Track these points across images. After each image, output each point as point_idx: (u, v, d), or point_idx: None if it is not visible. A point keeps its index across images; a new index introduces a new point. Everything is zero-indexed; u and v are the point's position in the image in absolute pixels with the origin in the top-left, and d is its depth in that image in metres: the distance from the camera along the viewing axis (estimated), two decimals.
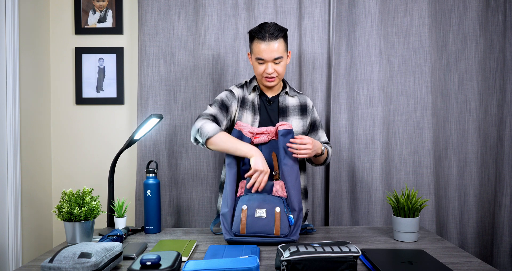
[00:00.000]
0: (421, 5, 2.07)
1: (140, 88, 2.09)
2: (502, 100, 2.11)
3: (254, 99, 1.69)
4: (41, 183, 2.11)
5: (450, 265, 1.25)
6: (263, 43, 1.58)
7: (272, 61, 1.60)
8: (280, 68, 1.62)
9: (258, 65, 1.63)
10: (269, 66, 1.60)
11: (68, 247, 1.15)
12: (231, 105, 1.65)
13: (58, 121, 2.21)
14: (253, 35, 1.61)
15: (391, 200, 1.55)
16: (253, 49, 1.63)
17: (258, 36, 1.59)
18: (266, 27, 1.59)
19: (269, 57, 1.59)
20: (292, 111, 1.71)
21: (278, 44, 1.58)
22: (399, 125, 2.11)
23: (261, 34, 1.58)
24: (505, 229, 2.06)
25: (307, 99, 1.76)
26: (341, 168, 2.11)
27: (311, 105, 1.76)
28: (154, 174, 1.70)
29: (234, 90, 1.69)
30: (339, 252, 1.13)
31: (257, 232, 1.46)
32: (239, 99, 1.68)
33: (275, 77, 1.63)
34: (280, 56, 1.60)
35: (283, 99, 1.71)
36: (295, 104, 1.72)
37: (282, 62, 1.62)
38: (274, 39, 1.58)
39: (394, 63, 2.11)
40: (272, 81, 1.64)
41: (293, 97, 1.73)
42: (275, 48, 1.58)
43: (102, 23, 2.18)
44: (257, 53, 1.61)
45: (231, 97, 1.66)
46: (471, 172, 2.11)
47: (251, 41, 1.64)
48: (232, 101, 1.66)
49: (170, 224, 2.13)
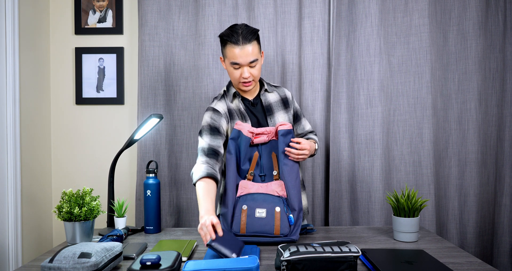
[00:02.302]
0: (421, 5, 2.07)
1: (140, 88, 2.09)
2: (502, 100, 2.11)
3: (239, 106, 1.65)
4: (41, 183, 2.11)
5: (450, 265, 1.25)
6: (237, 48, 1.53)
7: (247, 65, 1.56)
8: (255, 71, 1.58)
9: (233, 71, 1.58)
10: (245, 71, 1.56)
11: (68, 247, 1.15)
12: (220, 125, 1.60)
13: (58, 121, 2.21)
14: (225, 39, 1.56)
15: (391, 200, 1.55)
16: (227, 54, 1.57)
17: (231, 40, 1.53)
18: (237, 30, 1.54)
19: (245, 61, 1.54)
20: (276, 107, 1.69)
21: (252, 47, 1.54)
22: (399, 125, 2.11)
23: (234, 38, 1.53)
24: (505, 229, 2.06)
25: (285, 91, 1.75)
26: (341, 168, 2.11)
27: (291, 96, 1.75)
28: (154, 174, 1.70)
29: (217, 106, 1.63)
30: (339, 252, 1.13)
31: (257, 231, 1.46)
32: (225, 114, 1.63)
33: (251, 81, 1.60)
34: (255, 59, 1.56)
35: (264, 98, 1.69)
36: (277, 99, 1.71)
37: (257, 65, 1.58)
38: (248, 42, 1.53)
39: (394, 63, 2.11)
40: (249, 85, 1.60)
41: (273, 93, 1.71)
42: (249, 51, 1.53)
43: (102, 23, 2.18)
44: (231, 58, 1.55)
45: (217, 117, 1.61)
46: (471, 172, 2.11)
47: (223, 45, 1.58)
48: (219, 121, 1.61)
49: (170, 224, 2.13)
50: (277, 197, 1.50)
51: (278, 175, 1.57)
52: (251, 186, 1.54)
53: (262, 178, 1.59)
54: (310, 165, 2.11)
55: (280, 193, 1.52)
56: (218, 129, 1.59)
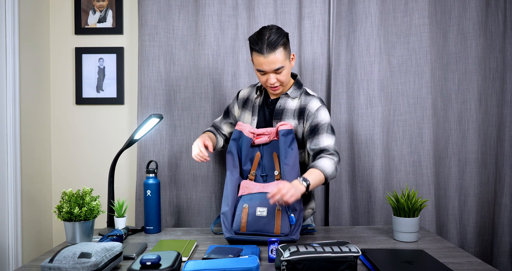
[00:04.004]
0: (421, 5, 2.07)
1: (140, 88, 2.09)
2: (502, 100, 2.11)
3: (257, 100, 1.71)
4: (41, 183, 2.11)
5: (450, 265, 1.25)
6: (261, 57, 1.51)
7: (273, 72, 1.55)
8: (282, 77, 1.56)
9: (260, 75, 1.59)
10: (271, 77, 1.55)
11: (68, 247, 1.15)
12: (233, 108, 1.81)
13: (58, 121, 2.21)
14: (251, 46, 1.55)
15: (391, 200, 1.55)
16: (253, 60, 1.57)
17: (256, 49, 1.52)
18: (263, 37, 1.51)
19: (270, 69, 1.53)
20: (288, 115, 1.63)
21: (277, 54, 1.51)
22: (399, 125, 2.11)
23: (259, 46, 1.51)
24: (505, 229, 2.06)
25: (311, 102, 1.62)
26: (341, 168, 2.11)
27: (315, 109, 1.60)
28: (154, 174, 1.70)
29: (243, 91, 1.80)
30: (339, 252, 1.13)
31: (257, 230, 1.46)
32: (241, 100, 1.77)
33: (278, 86, 1.59)
34: (281, 67, 1.53)
35: (282, 102, 1.65)
36: (293, 107, 1.64)
37: (284, 71, 1.55)
38: (272, 50, 1.50)
39: (394, 63, 2.11)
40: (276, 90, 1.61)
41: (294, 100, 1.65)
42: (274, 60, 1.51)
43: (102, 23, 2.18)
44: (257, 65, 1.55)
45: (233, 102, 1.82)
46: (471, 172, 2.11)
47: (251, 50, 1.57)
48: (233, 105, 1.81)
49: (170, 224, 2.13)
50: None
51: (279, 175, 1.57)
52: (252, 186, 1.55)
53: (263, 178, 1.60)
54: None
55: None
56: (231, 111, 1.82)
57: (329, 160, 1.51)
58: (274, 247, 1.28)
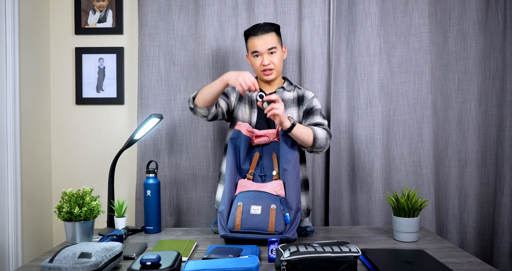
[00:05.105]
0: (421, 5, 2.07)
1: (140, 88, 2.09)
2: (502, 100, 2.11)
3: (253, 95, 1.74)
4: (41, 183, 2.11)
5: (450, 265, 1.25)
6: (256, 38, 1.65)
7: (267, 52, 1.65)
8: (276, 60, 1.66)
9: (255, 60, 1.68)
10: (265, 58, 1.65)
11: (68, 247, 1.15)
12: (231, 94, 1.77)
13: (58, 121, 2.21)
14: (247, 34, 1.68)
15: (391, 200, 1.55)
16: (248, 46, 1.69)
17: (251, 33, 1.67)
18: (257, 25, 1.68)
19: (263, 49, 1.64)
20: (289, 104, 1.71)
21: (270, 37, 1.65)
22: (399, 125, 2.11)
23: (254, 31, 1.66)
24: (505, 229, 2.06)
25: (307, 91, 1.74)
26: (341, 168, 2.11)
27: (311, 96, 1.72)
28: (154, 174, 1.70)
29: None
30: (339, 252, 1.13)
31: (251, 228, 1.45)
32: (238, 93, 1.77)
33: (272, 69, 1.66)
34: (274, 46, 1.65)
35: (280, 95, 1.72)
36: (292, 97, 1.73)
37: (277, 53, 1.66)
38: (266, 32, 1.65)
39: (394, 63, 2.11)
40: (270, 73, 1.67)
41: (290, 92, 1.74)
42: (268, 40, 1.64)
43: (102, 23, 2.18)
44: (252, 47, 1.67)
45: (232, 89, 1.79)
46: (471, 172, 2.11)
47: (246, 40, 1.70)
48: (232, 92, 1.78)
49: (170, 224, 2.13)
50: (274, 196, 1.50)
51: (277, 175, 1.57)
52: (250, 185, 1.55)
53: (262, 178, 1.60)
54: (310, 164, 2.11)
55: (278, 192, 1.51)
56: (227, 94, 1.77)
57: (322, 129, 1.59)
58: (274, 247, 1.28)
